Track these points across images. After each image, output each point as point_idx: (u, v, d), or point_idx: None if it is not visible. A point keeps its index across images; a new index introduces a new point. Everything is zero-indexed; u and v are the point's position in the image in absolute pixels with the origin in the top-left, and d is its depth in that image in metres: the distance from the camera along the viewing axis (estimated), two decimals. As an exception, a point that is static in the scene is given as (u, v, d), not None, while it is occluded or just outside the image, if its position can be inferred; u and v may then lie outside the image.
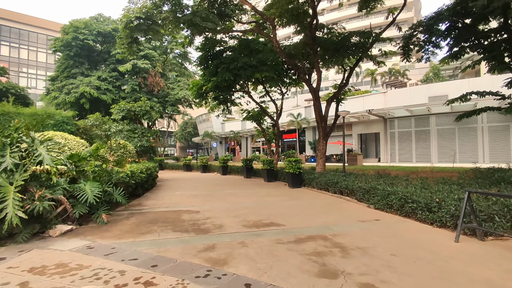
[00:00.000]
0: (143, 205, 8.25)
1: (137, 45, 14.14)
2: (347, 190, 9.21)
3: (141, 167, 9.79)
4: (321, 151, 14.39)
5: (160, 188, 12.35)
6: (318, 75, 13.66)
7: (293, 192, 11.01)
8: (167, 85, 30.03)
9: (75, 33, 26.61)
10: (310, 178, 12.09)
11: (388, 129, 27.53)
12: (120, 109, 14.62)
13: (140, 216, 6.67)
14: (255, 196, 10.09)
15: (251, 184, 14.01)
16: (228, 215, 6.73)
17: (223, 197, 9.68)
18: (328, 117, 14.64)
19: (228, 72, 14.45)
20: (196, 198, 9.49)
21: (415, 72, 42.65)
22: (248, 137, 46.06)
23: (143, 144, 14.59)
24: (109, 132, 10.58)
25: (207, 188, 12.59)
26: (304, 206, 7.99)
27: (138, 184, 9.49)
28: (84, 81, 25.92)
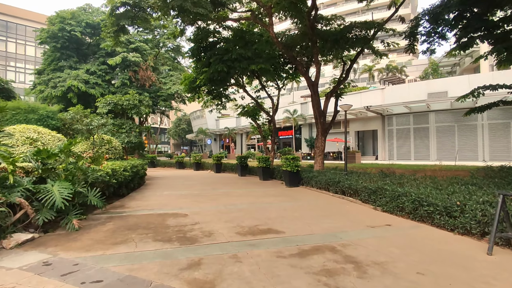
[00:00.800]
0: (125, 207, 7.41)
1: (124, 34, 13.19)
2: (350, 190, 8.48)
3: (125, 164, 8.93)
4: (320, 148, 13.67)
5: (148, 187, 11.50)
6: (317, 67, 12.89)
7: (291, 192, 10.25)
8: (159, 79, 28.98)
9: (61, 24, 25.35)
10: (308, 177, 11.35)
11: (386, 126, 26.95)
12: (106, 102, 13.67)
13: (119, 221, 5.84)
14: (250, 196, 9.31)
15: (246, 183, 13.23)
16: (219, 219, 5.93)
17: (215, 198, 8.88)
18: (327, 113, 13.89)
19: (221, 63, 13.60)
20: (186, 199, 8.67)
21: (412, 69, 42.22)
22: (243, 134, 45.23)
23: (131, 140, 13.68)
24: (91, 126, 9.67)
25: (199, 187, 11.78)
26: (304, 208, 7.24)
27: (122, 183, 8.64)
28: (72, 74, 24.75)
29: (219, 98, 18.83)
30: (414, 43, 11.27)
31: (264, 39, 15.46)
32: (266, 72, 14.57)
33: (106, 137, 11.33)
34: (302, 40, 13.20)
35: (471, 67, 29.22)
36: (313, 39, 12.36)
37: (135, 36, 28.73)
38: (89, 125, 9.71)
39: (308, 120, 32.52)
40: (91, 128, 9.76)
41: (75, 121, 9.86)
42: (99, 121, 9.97)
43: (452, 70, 34.52)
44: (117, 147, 12.26)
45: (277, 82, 18.05)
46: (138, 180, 10.79)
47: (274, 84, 18.11)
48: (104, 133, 10.59)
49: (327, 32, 13.00)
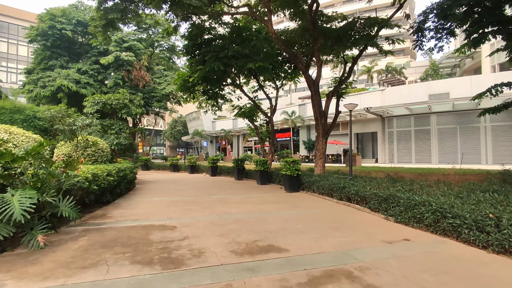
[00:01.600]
0: (107, 216, 6.59)
1: (114, 30, 12.38)
2: (357, 197, 7.73)
3: (109, 168, 8.12)
4: (321, 150, 12.95)
5: (137, 193, 10.67)
6: (318, 65, 12.19)
7: (291, 198, 9.49)
8: (153, 79, 28.12)
9: (51, 21, 24.40)
10: (309, 182, 10.60)
11: (386, 128, 26.35)
12: (94, 102, 12.83)
13: (95, 235, 5.03)
14: (247, 203, 8.52)
15: (242, 188, 12.45)
16: (212, 233, 5.15)
17: (209, 205, 8.09)
18: (328, 114, 13.18)
19: (217, 61, 12.85)
20: (176, 207, 7.87)
21: (410, 71, 41.81)
22: (239, 136, 44.48)
23: (120, 142, 12.84)
24: (74, 126, 8.84)
25: (192, 192, 10.97)
26: (308, 218, 6.47)
27: (105, 189, 7.82)
28: (62, 73, 23.80)
29: (215, 99, 18.08)
30: (422, 39, 10.60)
31: (262, 36, 14.78)
32: (265, 71, 13.83)
33: (91, 138, 10.50)
34: (302, 37, 12.52)
35: (472, 69, 28.81)
36: (314, 35, 11.66)
37: (129, 35, 27.89)
38: (72, 125, 8.88)
39: (306, 122, 31.87)
40: (74, 129, 8.92)
41: (57, 121, 9.01)
42: (84, 121, 9.14)
43: (452, 71, 34.08)
44: (105, 149, 11.43)
45: (276, 82, 17.35)
46: (125, 185, 9.97)
47: (272, 84, 17.41)
48: (90, 134, 9.74)
49: (329, 29, 12.33)
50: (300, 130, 33.87)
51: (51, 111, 8.72)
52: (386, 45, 12.53)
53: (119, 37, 26.23)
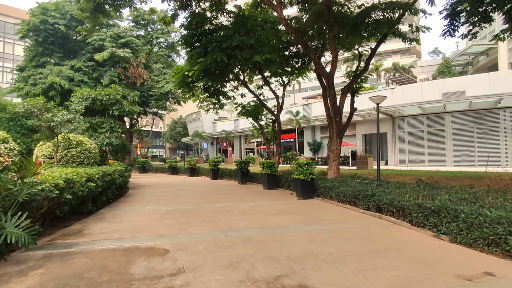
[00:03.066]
0: (83, 234, 5.21)
1: (105, 17, 11.05)
2: (391, 208, 6.35)
3: (91, 172, 6.75)
4: (335, 152, 11.62)
5: (128, 200, 9.30)
6: (333, 55, 10.85)
7: (306, 207, 8.13)
8: (151, 77, 26.79)
9: (43, 15, 23.05)
10: (326, 187, 9.24)
11: (397, 128, 24.98)
12: (82, 97, 11.47)
13: (56, 266, 3.66)
14: (256, 213, 7.15)
15: (248, 193, 11.07)
16: (217, 262, 3.78)
17: (210, 217, 6.71)
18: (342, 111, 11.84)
19: (220, 51, 11.53)
20: (171, 219, 6.49)
21: (418, 70, 40.47)
22: (241, 137, 43.12)
23: (111, 142, 11.48)
24: (53, 122, 7.50)
25: (191, 199, 9.60)
26: (338, 237, 5.09)
27: (86, 198, 6.45)
28: (54, 70, 22.48)
29: (216, 96, 16.76)
30: (456, 24, 9.23)
31: (268, 27, 13.46)
32: (272, 64, 12.50)
33: (74, 137, 9.14)
34: (315, 24, 11.17)
35: (486, 66, 27.46)
36: (329, 21, 10.32)
37: (126, 31, 26.59)
38: (50, 121, 7.52)
39: (311, 123, 30.51)
40: (52, 126, 7.56)
41: (34, 116, 7.66)
42: (64, 116, 7.78)
43: (463, 70, 32.75)
44: (92, 150, 10.06)
45: (282, 78, 16.02)
46: (114, 190, 8.59)
47: (279, 80, 16.08)
48: (71, 132, 8.36)
49: (345, 15, 11.00)
50: (304, 131, 32.50)
51: (24, 104, 7.37)
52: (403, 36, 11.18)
53: (115, 33, 24.93)
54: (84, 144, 9.95)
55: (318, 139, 31.29)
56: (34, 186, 4.45)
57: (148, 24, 28.18)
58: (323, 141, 30.84)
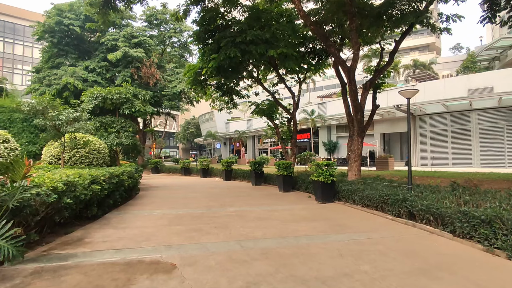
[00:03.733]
0: (83, 242, 4.72)
1: (114, 12, 10.68)
2: (427, 215, 5.58)
3: (97, 173, 6.29)
4: (356, 152, 10.86)
5: (137, 203, 8.84)
6: (355, 48, 10.08)
7: (328, 212, 7.43)
8: (164, 77, 26.57)
9: (58, 16, 23.21)
10: (348, 190, 8.51)
11: (418, 127, 23.76)
12: (92, 96, 11.16)
13: (45, 285, 3.13)
14: (274, 219, 6.51)
15: (263, 196, 10.44)
16: (231, 283, 3.16)
17: (223, 223, 6.12)
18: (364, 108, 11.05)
19: (234, 47, 10.98)
20: (181, 225, 5.94)
21: (438, 67, 38.76)
22: (254, 138, 42.57)
23: (122, 142, 11.10)
24: (58, 121, 7.11)
25: (203, 201, 9.05)
26: (371, 250, 4.38)
27: (90, 201, 5.99)
28: (68, 71, 22.57)
29: (229, 95, 16.24)
30: (496, 9, 8.31)
31: (284, 20, 12.82)
32: (289, 59, 11.86)
33: (80, 136, 8.75)
34: (336, 14, 10.43)
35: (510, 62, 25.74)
36: (351, 11, 9.57)
37: (139, 30, 26.47)
38: (56, 119, 7.12)
39: (327, 122, 29.59)
40: (58, 124, 7.17)
41: (39, 114, 7.30)
42: (71, 114, 7.38)
43: (489, 65, 31.02)
44: (101, 151, 9.67)
45: (298, 75, 15.32)
46: (122, 193, 8.14)
47: (295, 77, 15.40)
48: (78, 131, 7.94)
49: (368, 4, 10.21)
50: (319, 130, 31.59)
51: (30, 102, 7.00)
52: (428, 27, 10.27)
53: (128, 33, 24.83)
54: (93, 144, 9.57)
55: (334, 139, 30.33)
56: (28, 190, 3.97)
57: (161, 24, 28.00)
58: (339, 141, 29.87)
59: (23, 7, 53.68)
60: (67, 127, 7.28)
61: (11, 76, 51.77)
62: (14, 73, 53.06)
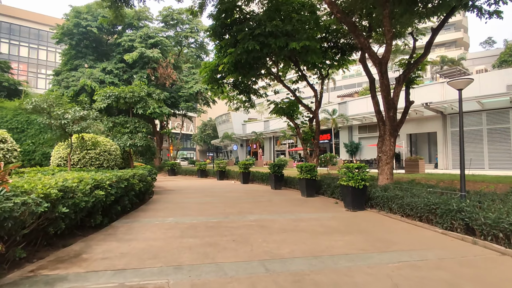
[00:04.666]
0: (81, 259, 4.01)
1: (126, 6, 10.15)
2: (494, 231, 4.52)
3: (102, 177, 5.62)
4: (388, 153, 9.79)
5: (148, 208, 8.17)
6: (388, 37, 9.02)
7: (363, 222, 6.45)
8: (180, 78, 26.21)
9: (76, 19, 23.36)
10: (383, 197, 7.49)
11: (449, 127, 22.12)
12: (105, 95, 10.69)
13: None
14: (301, 231, 5.61)
15: (285, 202, 9.54)
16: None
17: (243, 235, 5.29)
18: (397, 105, 9.95)
19: (252, 40, 10.19)
20: (195, 237, 5.15)
21: (468, 64, 36.45)
22: (271, 139, 41.66)
23: (135, 143, 10.54)
24: (64, 120, 6.55)
25: (220, 208, 8.27)
26: (432, 278, 3.41)
27: (93, 210, 5.32)
28: (86, 73, 22.60)
29: (247, 94, 15.48)
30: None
31: (306, 10, 11.92)
32: (312, 53, 10.92)
33: (88, 137, 8.19)
34: (365, 2, 9.43)
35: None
36: (383, -4, 8.55)
37: (156, 31, 26.28)
38: (62, 118, 6.56)
39: (348, 122, 28.28)
40: (64, 123, 6.60)
41: (45, 113, 6.77)
42: (77, 112, 6.80)
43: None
44: (112, 152, 9.10)
45: (320, 71, 14.33)
46: (133, 198, 7.48)
47: (317, 73, 14.43)
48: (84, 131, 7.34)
49: (401, -12, 9.14)
50: (340, 131, 30.28)
51: (33, 99, 6.47)
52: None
53: (145, 33, 24.65)
54: (104, 145, 9.02)
55: (356, 140, 28.94)
56: (10, 199, 3.29)
57: (177, 24, 27.71)
58: (362, 142, 28.47)
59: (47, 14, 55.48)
60: (73, 126, 6.70)
61: (35, 80, 53.50)
62: (38, 77, 54.79)
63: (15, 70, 52.04)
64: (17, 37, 53.29)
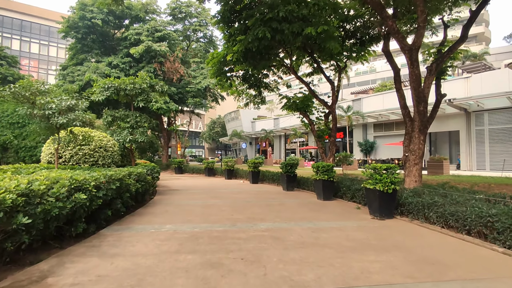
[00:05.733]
0: (42, 285, 3.08)
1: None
2: None
3: (84, 177, 4.71)
4: (416, 153, 8.71)
5: (147, 211, 7.26)
6: (421, 19, 7.87)
7: (396, 235, 5.37)
8: (188, 73, 25.36)
9: (82, 11, 22.78)
10: (419, 204, 6.39)
11: (474, 125, 20.62)
12: (104, 87, 9.85)
13: None
14: (326, 246, 4.58)
15: (300, 206, 8.50)
16: None
17: (253, 251, 4.30)
18: (428, 98, 8.78)
19: (263, 25, 9.18)
20: (194, 253, 4.18)
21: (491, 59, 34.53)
22: (281, 137, 40.56)
23: (135, 139, 9.66)
24: (49, 110, 5.68)
25: (226, 212, 7.30)
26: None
27: (73, 217, 4.41)
28: (91, 67, 21.99)
29: (257, 88, 14.49)
30: None
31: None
32: (330, 39, 9.82)
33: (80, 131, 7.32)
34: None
35: None
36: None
37: (163, 24, 25.47)
38: (46, 108, 5.68)
39: (361, 120, 26.98)
40: (48, 114, 5.72)
41: (26, 101, 5.91)
42: (64, 101, 5.91)
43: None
44: (109, 148, 8.23)
45: (337, 63, 13.20)
46: (128, 200, 6.58)
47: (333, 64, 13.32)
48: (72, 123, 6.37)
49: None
50: (354, 129, 28.97)
51: (11, 86, 5.62)
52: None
53: (152, 26, 23.88)
54: (100, 141, 8.15)
55: (371, 139, 27.60)
56: None
57: (186, 17, 26.87)
58: (377, 141, 27.12)
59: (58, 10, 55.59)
60: (58, 117, 5.82)
61: (46, 77, 53.61)
62: (48, 74, 54.94)
63: (26, 67, 52.37)
64: (28, 33, 53.53)
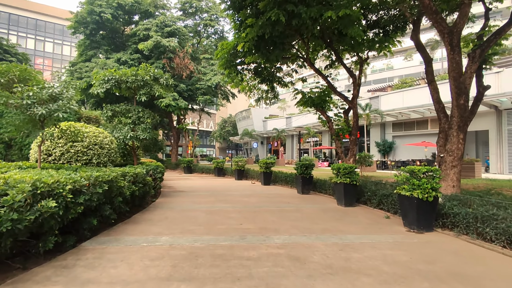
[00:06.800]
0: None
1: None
2: None
3: (59, 178, 3.81)
4: (455, 153, 7.56)
5: (143, 218, 6.34)
6: None
7: (446, 255, 4.25)
8: (198, 69, 24.55)
9: (90, 5, 22.33)
10: (469, 216, 5.26)
11: (505, 124, 18.98)
12: (104, 79, 9.05)
13: None
14: (361, 273, 3.52)
15: (319, 213, 7.42)
16: None
17: (266, 277, 3.28)
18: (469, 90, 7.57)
19: (277, 8, 8.14)
20: (189, 282, 3.20)
21: (518, 54, 32.36)
22: (294, 137, 39.37)
23: (137, 136, 8.81)
24: (28, 100, 4.84)
25: (235, 220, 6.31)
26: None
27: (40, 230, 3.51)
28: (99, 63, 21.46)
29: (270, 83, 13.45)
30: None
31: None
32: (352, 25, 8.69)
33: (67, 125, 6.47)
34: None
35: None
36: None
37: (173, 19, 24.77)
38: (25, 97, 4.84)
39: (379, 119, 25.54)
40: (27, 104, 4.88)
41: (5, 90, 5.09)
42: (46, 89, 5.06)
43: None
44: (105, 145, 7.37)
45: (358, 54, 12.03)
46: (120, 206, 5.67)
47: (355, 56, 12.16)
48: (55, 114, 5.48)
49: None
50: (371, 129, 27.55)
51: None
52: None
53: (161, 21, 23.18)
54: (95, 137, 7.31)
55: (389, 139, 26.14)
56: None
57: (196, 12, 26.10)
58: (396, 141, 25.65)
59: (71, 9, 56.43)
60: (37, 108, 4.96)
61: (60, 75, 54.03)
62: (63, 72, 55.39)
63: (40, 65, 52.96)
64: (43, 32, 54.15)
